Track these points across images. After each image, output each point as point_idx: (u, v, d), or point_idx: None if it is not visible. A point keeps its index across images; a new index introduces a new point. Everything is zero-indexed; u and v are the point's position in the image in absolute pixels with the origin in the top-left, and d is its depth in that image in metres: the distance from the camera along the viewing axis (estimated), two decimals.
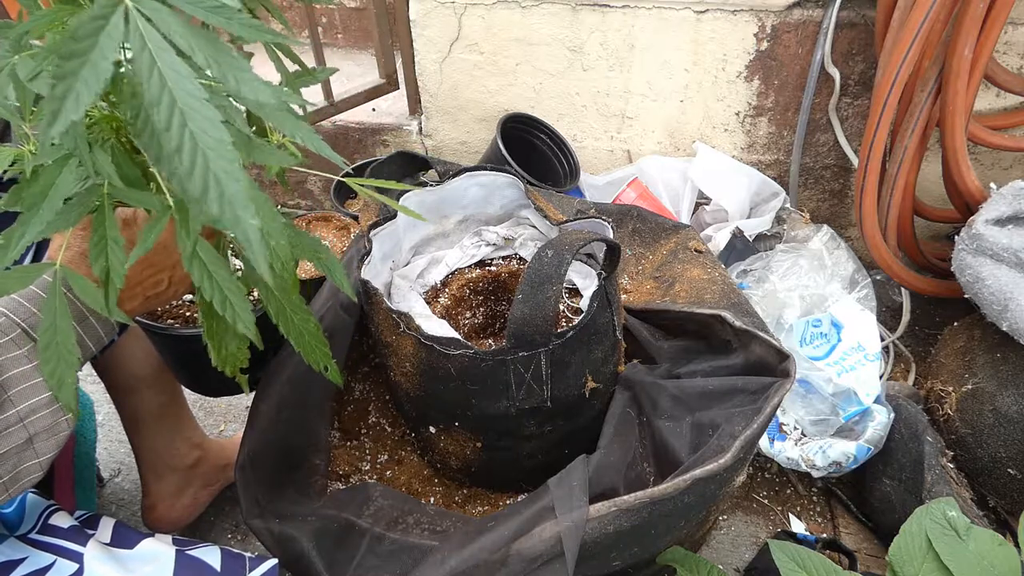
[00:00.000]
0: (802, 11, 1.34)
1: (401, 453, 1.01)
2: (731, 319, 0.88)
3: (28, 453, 0.54)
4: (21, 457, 0.53)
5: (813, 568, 0.75)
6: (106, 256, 0.48)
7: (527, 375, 0.78)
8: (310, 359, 0.61)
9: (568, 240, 0.75)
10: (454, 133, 1.67)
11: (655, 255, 1.10)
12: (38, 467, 0.54)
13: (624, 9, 1.39)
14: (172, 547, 0.65)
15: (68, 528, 0.64)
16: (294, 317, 0.59)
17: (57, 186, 0.47)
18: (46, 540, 0.62)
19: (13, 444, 0.53)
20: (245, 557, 0.67)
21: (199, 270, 0.49)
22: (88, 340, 0.58)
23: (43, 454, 0.55)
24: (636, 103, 1.52)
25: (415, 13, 1.47)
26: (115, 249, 0.49)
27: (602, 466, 0.81)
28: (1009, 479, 1.08)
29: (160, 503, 1.07)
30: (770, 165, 1.57)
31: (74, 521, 0.65)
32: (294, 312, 0.59)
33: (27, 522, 0.64)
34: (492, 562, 0.69)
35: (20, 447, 0.53)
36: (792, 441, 1.16)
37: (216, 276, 0.49)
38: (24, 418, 0.53)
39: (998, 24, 1.08)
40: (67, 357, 0.49)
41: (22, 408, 0.53)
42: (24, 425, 0.53)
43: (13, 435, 0.53)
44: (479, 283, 1.04)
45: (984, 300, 1.07)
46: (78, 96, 0.32)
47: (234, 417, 1.36)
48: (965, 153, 1.19)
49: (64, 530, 0.63)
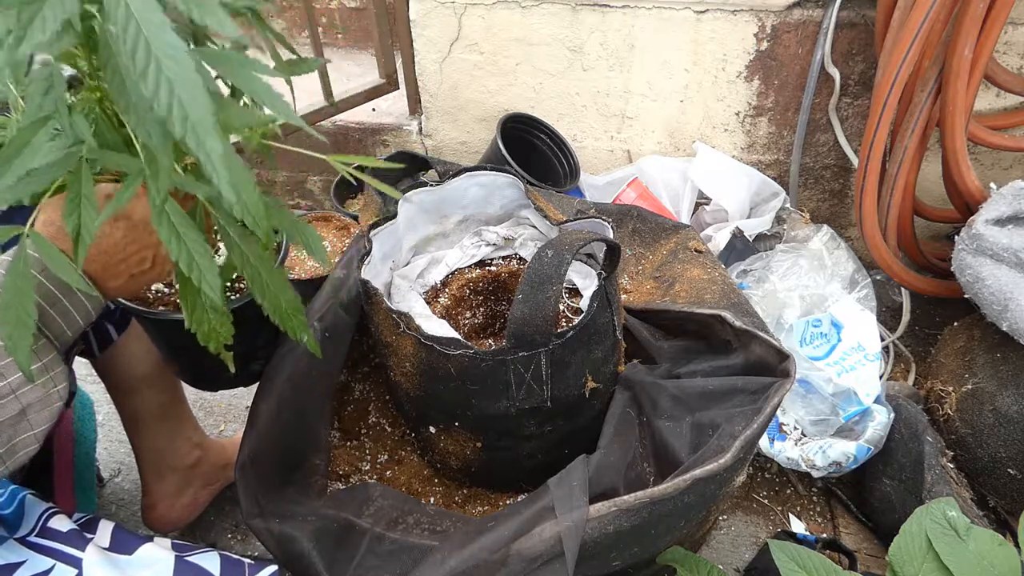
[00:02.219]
0: (802, 11, 1.34)
1: (401, 453, 1.01)
2: (731, 319, 0.88)
3: (23, 425, 0.55)
4: (16, 429, 0.54)
5: (813, 568, 0.75)
6: (79, 214, 0.49)
7: (527, 375, 0.78)
8: (287, 326, 0.60)
9: (568, 240, 0.75)
10: (454, 133, 1.67)
11: (655, 255, 1.10)
12: (33, 439, 0.55)
13: (624, 9, 1.39)
14: (171, 552, 0.65)
15: (67, 532, 0.63)
16: (270, 283, 0.58)
17: (32, 146, 0.47)
18: (45, 544, 0.62)
19: (7, 416, 0.53)
20: (244, 563, 0.67)
21: (167, 229, 0.49)
22: (76, 313, 0.58)
23: (38, 426, 0.55)
24: (636, 103, 1.52)
25: (415, 13, 1.47)
26: (88, 207, 0.49)
27: (602, 466, 0.81)
28: (1009, 479, 1.08)
29: (160, 503, 1.07)
30: (770, 165, 1.57)
31: (73, 524, 0.65)
32: (270, 278, 0.58)
33: (26, 524, 0.64)
34: (492, 562, 0.69)
35: (14, 419, 0.54)
36: (792, 441, 1.16)
37: (184, 237, 0.50)
38: (16, 389, 0.54)
39: (998, 24, 1.08)
40: (24, 320, 0.49)
41: (13, 380, 0.53)
42: (16, 396, 0.54)
43: (6, 407, 0.53)
44: (479, 283, 1.04)
45: (984, 300, 1.07)
46: (44, 21, 0.35)
47: (234, 417, 1.36)
48: (965, 153, 1.19)
49: (63, 534, 0.63)
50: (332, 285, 0.94)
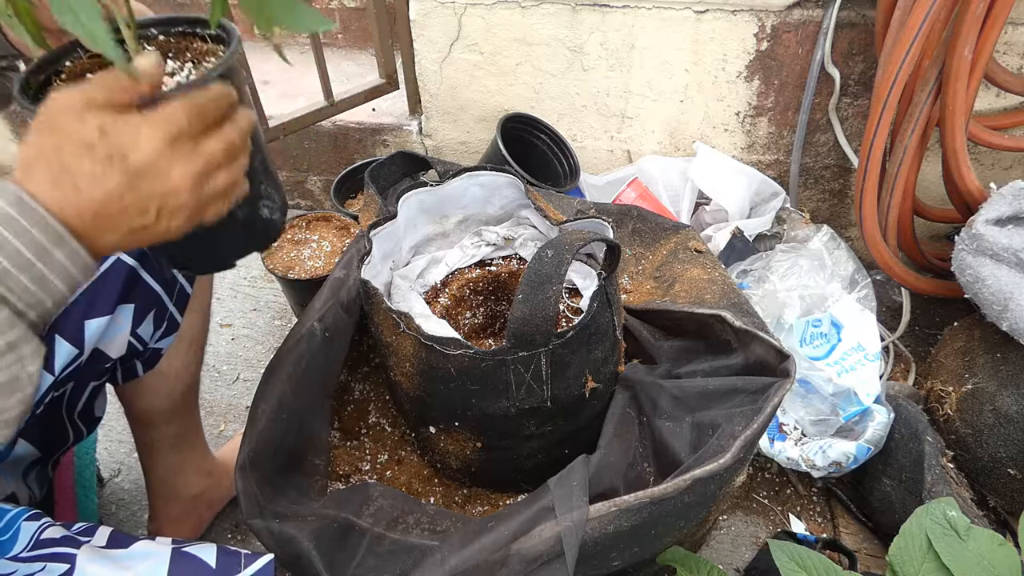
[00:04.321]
0: (802, 11, 1.34)
1: (401, 453, 1.01)
2: (731, 319, 0.88)
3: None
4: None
5: (813, 568, 0.75)
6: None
7: (527, 375, 0.78)
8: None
9: (568, 240, 0.75)
10: (454, 133, 1.67)
11: (655, 255, 1.10)
12: (4, 425, 0.49)
13: (624, 9, 1.39)
14: (168, 545, 0.65)
15: (60, 538, 0.62)
16: None
17: None
18: (36, 553, 0.60)
19: None
20: (241, 554, 0.67)
21: None
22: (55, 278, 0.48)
23: (5, 411, 0.48)
24: (636, 103, 1.52)
25: (415, 13, 1.48)
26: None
27: (602, 466, 0.81)
28: (1009, 479, 1.08)
29: (166, 526, 1.08)
30: (770, 165, 1.57)
31: (68, 532, 0.63)
32: None
33: (19, 544, 0.62)
34: (492, 562, 0.69)
35: None
36: (792, 441, 1.16)
37: None
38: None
39: (998, 24, 1.08)
40: None
41: None
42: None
43: None
44: (479, 283, 1.04)
45: (984, 300, 1.07)
46: None
47: (234, 417, 1.36)
48: (965, 153, 1.19)
49: (56, 540, 0.62)
50: (332, 285, 0.94)
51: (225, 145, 0.51)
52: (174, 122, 0.49)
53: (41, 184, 0.46)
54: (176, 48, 0.61)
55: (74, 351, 0.71)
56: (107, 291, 0.74)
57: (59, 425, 0.82)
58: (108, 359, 0.79)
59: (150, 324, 0.81)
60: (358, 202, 1.60)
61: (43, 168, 0.47)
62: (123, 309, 0.77)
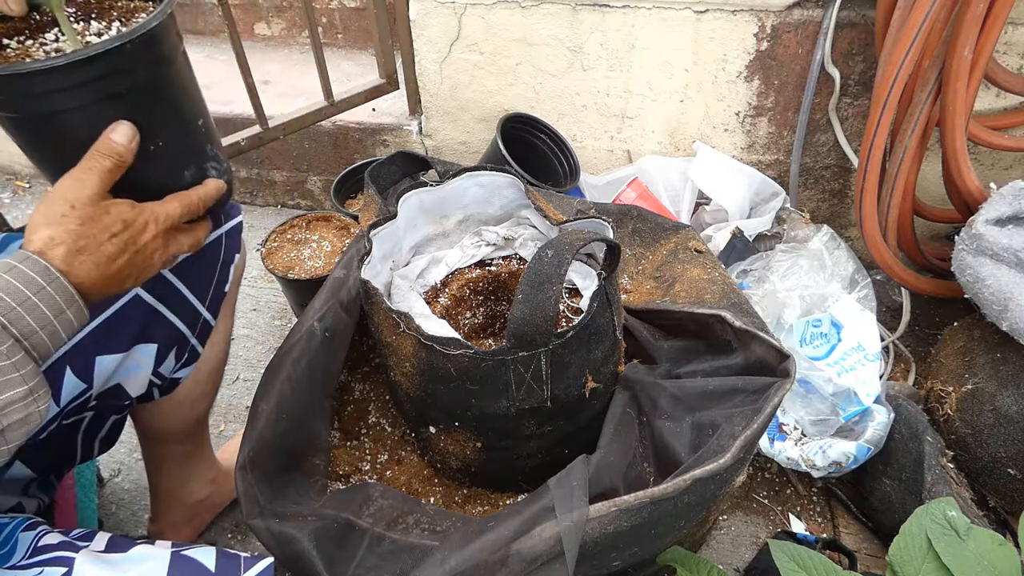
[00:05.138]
0: (802, 11, 1.35)
1: (401, 453, 1.01)
2: (731, 319, 0.88)
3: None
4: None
5: (813, 568, 0.75)
6: None
7: (527, 375, 0.78)
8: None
9: (568, 240, 0.75)
10: (454, 133, 1.67)
11: (655, 255, 1.10)
12: (7, 453, 0.56)
13: (624, 9, 1.39)
14: (167, 548, 0.65)
15: (58, 543, 0.63)
16: None
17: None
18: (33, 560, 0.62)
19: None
20: (240, 557, 0.67)
21: None
22: (63, 332, 0.58)
23: (12, 441, 0.56)
24: (636, 103, 1.52)
25: (415, 13, 1.48)
26: None
27: (602, 466, 0.81)
28: (1009, 479, 1.08)
29: (168, 530, 1.09)
30: (770, 165, 1.57)
31: (65, 537, 0.64)
32: None
33: (17, 555, 0.64)
34: (492, 562, 0.69)
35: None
36: (792, 441, 1.16)
37: None
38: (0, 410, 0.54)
39: (998, 24, 1.08)
40: None
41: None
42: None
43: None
44: (479, 283, 1.04)
45: (984, 300, 1.07)
46: None
47: (234, 417, 1.36)
48: (965, 153, 1.19)
49: (53, 546, 0.63)
50: (332, 285, 0.94)
51: (193, 241, 0.69)
52: (172, 215, 0.64)
53: (66, 257, 0.57)
54: (99, 8, 0.64)
55: (81, 385, 0.72)
56: (123, 329, 0.74)
57: (68, 448, 0.83)
58: (128, 396, 0.80)
59: (172, 359, 0.82)
60: (358, 202, 1.60)
61: (67, 246, 0.57)
62: (142, 348, 0.77)
